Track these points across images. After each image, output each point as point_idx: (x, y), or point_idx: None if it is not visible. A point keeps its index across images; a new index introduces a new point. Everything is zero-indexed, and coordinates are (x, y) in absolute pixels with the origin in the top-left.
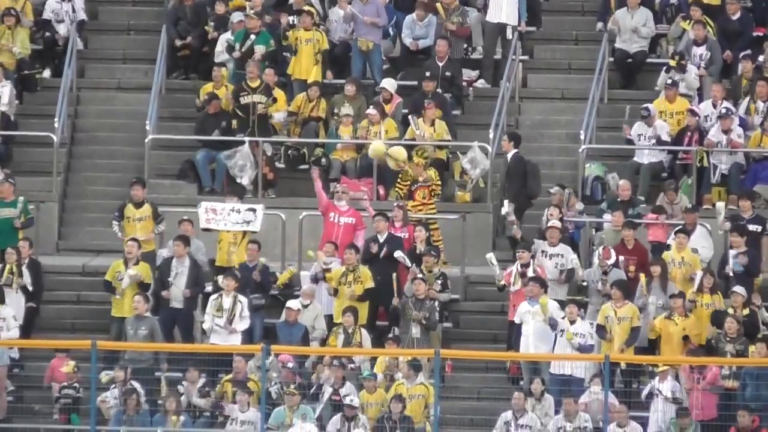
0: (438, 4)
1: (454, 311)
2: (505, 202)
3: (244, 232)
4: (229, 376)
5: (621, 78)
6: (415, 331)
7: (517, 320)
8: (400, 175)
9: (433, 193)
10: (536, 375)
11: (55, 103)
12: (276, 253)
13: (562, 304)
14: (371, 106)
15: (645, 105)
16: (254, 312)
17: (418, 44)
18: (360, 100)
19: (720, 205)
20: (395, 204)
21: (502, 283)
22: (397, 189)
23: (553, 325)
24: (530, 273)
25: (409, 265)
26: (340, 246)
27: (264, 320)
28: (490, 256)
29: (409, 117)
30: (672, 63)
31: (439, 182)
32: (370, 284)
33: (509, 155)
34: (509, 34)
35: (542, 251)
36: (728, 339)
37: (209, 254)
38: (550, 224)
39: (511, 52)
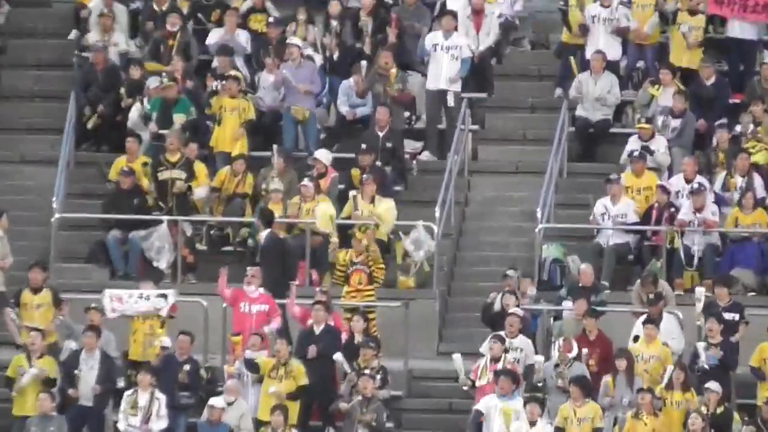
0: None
1: (395, 409)
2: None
3: (162, 323)
4: None
5: (581, 149)
6: None
7: (482, 409)
8: (337, 261)
9: (373, 278)
10: None
11: None
12: (197, 344)
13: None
14: (305, 179)
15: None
16: (181, 411)
17: (356, 113)
18: (291, 174)
19: (699, 291)
20: (318, 289)
21: (469, 383)
22: (335, 274)
23: None
24: (500, 367)
25: (348, 371)
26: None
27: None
28: (457, 357)
29: (350, 193)
30: (644, 128)
31: (383, 267)
32: (304, 381)
33: (262, 235)
34: (450, 101)
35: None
36: None
37: (122, 346)
38: (510, 311)
39: (459, 122)
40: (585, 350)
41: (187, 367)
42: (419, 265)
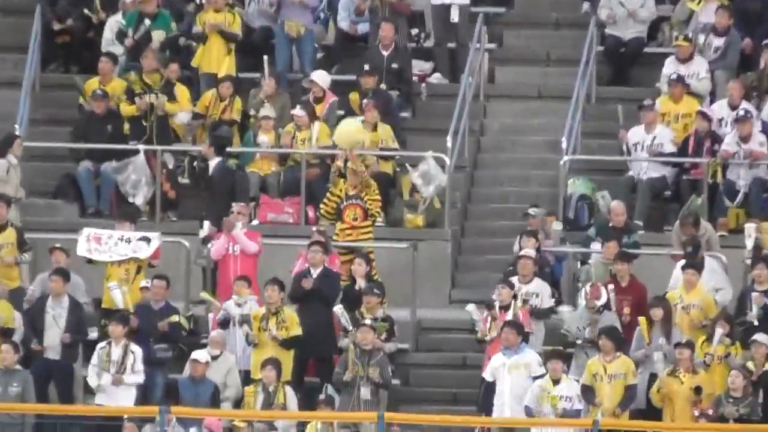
0: None
1: (402, 364)
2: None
3: (138, 268)
4: None
5: (612, 72)
6: (365, 391)
7: (489, 377)
8: (329, 189)
9: (368, 214)
10: None
11: None
12: (178, 290)
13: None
14: (298, 106)
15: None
16: (158, 367)
17: (357, 29)
18: (283, 99)
19: (750, 227)
20: (314, 229)
21: (486, 338)
22: (323, 206)
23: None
24: (510, 317)
25: (350, 328)
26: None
27: (167, 376)
28: (472, 308)
29: (356, 119)
30: (683, 45)
31: (378, 197)
32: (297, 331)
33: (212, 164)
34: (454, 17)
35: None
36: (731, 399)
37: (95, 293)
38: (521, 254)
39: (474, 40)
40: (611, 287)
41: (176, 318)
42: (428, 202)
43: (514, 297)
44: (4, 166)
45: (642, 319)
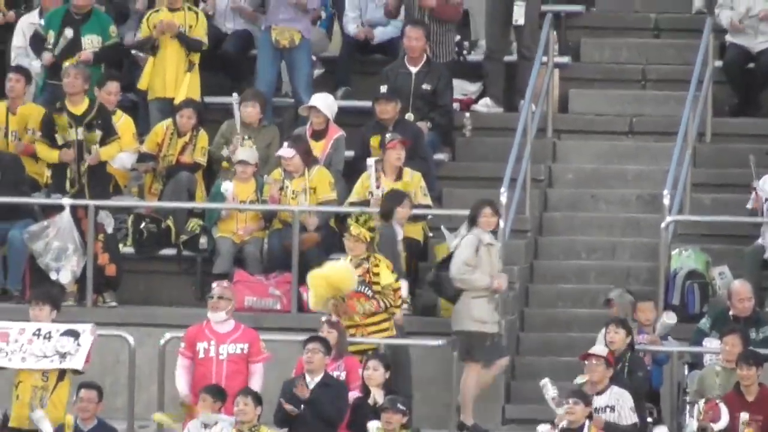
0: None
1: None
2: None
3: (62, 373)
4: None
5: (736, 97)
6: None
7: None
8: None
9: (377, 305)
10: None
11: None
12: (118, 405)
13: None
14: (285, 144)
15: None
16: None
17: (374, 34)
18: (269, 134)
19: None
20: (324, 320)
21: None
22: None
23: None
24: None
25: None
26: (229, 395)
27: None
28: (546, 382)
29: (368, 162)
30: None
31: (396, 288)
32: None
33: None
34: (519, 18)
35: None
36: None
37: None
38: (589, 351)
39: (539, 51)
40: (745, 416)
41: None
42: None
43: (589, 417)
44: None
45: None
